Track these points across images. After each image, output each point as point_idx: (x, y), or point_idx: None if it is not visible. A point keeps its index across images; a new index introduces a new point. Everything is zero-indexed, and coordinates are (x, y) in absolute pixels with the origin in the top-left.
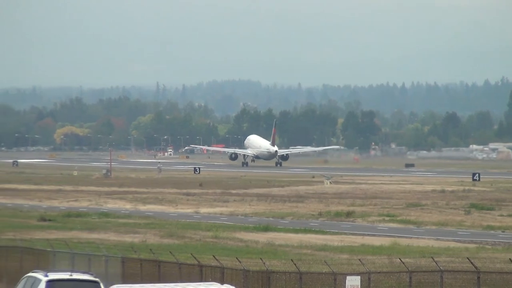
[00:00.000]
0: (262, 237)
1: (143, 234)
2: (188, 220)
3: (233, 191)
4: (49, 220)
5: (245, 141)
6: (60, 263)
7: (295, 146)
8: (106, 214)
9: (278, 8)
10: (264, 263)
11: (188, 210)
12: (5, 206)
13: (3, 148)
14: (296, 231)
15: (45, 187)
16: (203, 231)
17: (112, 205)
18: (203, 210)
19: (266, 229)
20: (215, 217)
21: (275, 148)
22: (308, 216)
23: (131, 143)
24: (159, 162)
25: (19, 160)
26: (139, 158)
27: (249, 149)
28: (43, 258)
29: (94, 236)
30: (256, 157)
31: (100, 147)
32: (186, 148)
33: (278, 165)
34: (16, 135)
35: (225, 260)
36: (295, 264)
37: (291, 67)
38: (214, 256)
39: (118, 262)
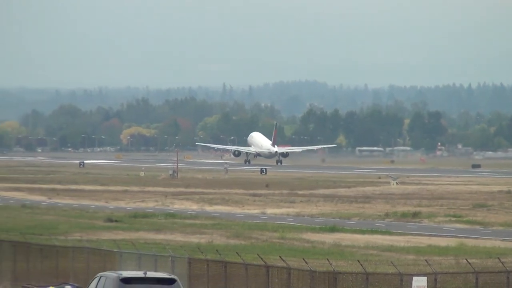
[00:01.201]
0: (329, 238)
1: (209, 234)
2: (254, 221)
3: (300, 192)
4: (116, 221)
5: (248, 138)
6: (127, 263)
7: (361, 147)
8: (172, 215)
9: (343, 9)
10: (330, 264)
11: (255, 210)
12: (71, 207)
13: (69, 149)
14: (362, 231)
15: (111, 188)
16: (270, 232)
17: (178, 205)
18: (270, 210)
19: (333, 229)
20: (281, 217)
21: (275, 148)
22: (374, 217)
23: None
24: (225, 162)
25: (85, 161)
26: (206, 159)
27: (252, 146)
28: (109, 259)
29: (160, 236)
30: (258, 154)
31: (167, 147)
32: None
33: (279, 163)
34: (83, 135)
35: (292, 260)
36: (361, 265)
37: (357, 68)
38: (280, 257)
39: (185, 263)
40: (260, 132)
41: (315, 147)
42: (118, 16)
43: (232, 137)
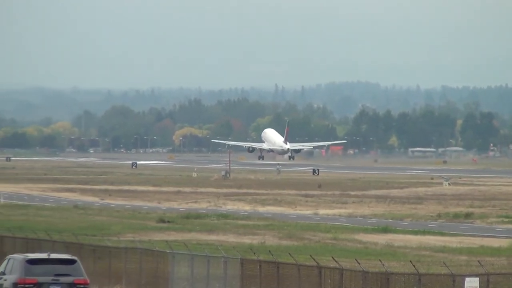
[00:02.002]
0: (381, 239)
1: (262, 235)
2: (307, 222)
3: (352, 193)
4: (168, 221)
5: (262, 134)
6: (180, 264)
7: (414, 147)
8: (225, 216)
9: (393, 13)
10: (383, 265)
11: (307, 211)
12: (124, 208)
13: (122, 150)
14: (415, 232)
15: (164, 188)
16: (322, 233)
17: (231, 206)
18: (322, 211)
19: (385, 230)
20: (334, 218)
21: (287, 146)
22: (427, 218)
23: None
24: (278, 163)
25: (138, 162)
26: (258, 160)
27: (265, 143)
28: (162, 260)
29: (213, 237)
30: (271, 151)
31: (219, 148)
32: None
33: (291, 159)
34: (135, 136)
35: (344, 261)
36: (414, 266)
37: (409, 69)
38: (333, 258)
39: (237, 264)
40: (313, 133)
41: (326, 143)
42: (169, 16)
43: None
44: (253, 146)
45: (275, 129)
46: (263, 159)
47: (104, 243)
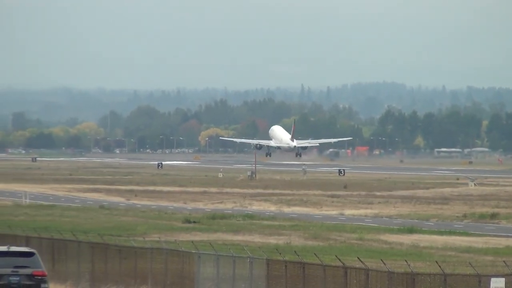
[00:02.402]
0: (407, 239)
1: (287, 236)
2: (332, 222)
3: (378, 193)
4: (194, 222)
5: (269, 131)
6: (205, 264)
7: (440, 148)
8: (250, 216)
9: (420, 13)
10: (408, 265)
11: (333, 212)
12: (150, 208)
13: (148, 150)
14: (440, 233)
15: (189, 189)
16: (348, 233)
17: (257, 207)
18: (348, 212)
19: (411, 231)
20: (359, 219)
21: (294, 143)
22: (452, 218)
23: None
24: (303, 164)
25: (163, 162)
26: (284, 160)
27: (273, 140)
28: (187, 260)
29: (238, 238)
30: (278, 147)
31: (245, 149)
32: (330, 150)
33: (298, 156)
34: (161, 137)
35: (370, 262)
36: (439, 266)
37: (435, 69)
38: (358, 258)
39: (263, 264)
40: (338, 134)
41: (331, 140)
42: (195, 18)
43: (310, 139)
44: (260, 143)
45: (299, 129)
46: (270, 156)
47: (129, 244)
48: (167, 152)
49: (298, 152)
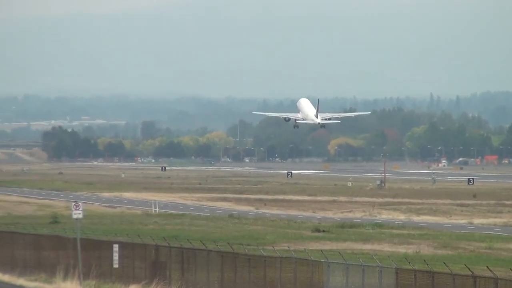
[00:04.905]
0: None
1: (416, 245)
2: (461, 231)
3: (507, 202)
4: (323, 231)
5: (297, 103)
6: (334, 273)
7: None
8: (380, 225)
9: None
10: None
11: (462, 221)
12: (279, 217)
13: (277, 159)
14: None
15: (319, 198)
16: (477, 242)
17: (386, 215)
18: (477, 221)
19: None
20: (489, 228)
21: (318, 120)
22: None
23: (405, 154)
24: (433, 173)
25: (293, 171)
26: (413, 169)
27: (300, 113)
28: (317, 269)
29: (367, 247)
30: (304, 120)
31: (374, 158)
32: (460, 159)
33: (322, 127)
34: (290, 146)
35: (499, 271)
36: None
37: None
38: (488, 267)
39: (392, 273)
40: (467, 142)
41: (352, 114)
42: (319, 28)
43: (439, 148)
44: (289, 116)
45: (429, 138)
46: (297, 127)
47: (259, 253)
48: (296, 161)
49: (322, 125)
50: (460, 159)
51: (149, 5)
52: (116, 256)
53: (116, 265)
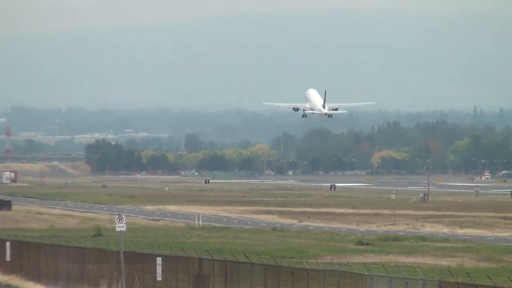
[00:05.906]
0: None
1: (460, 258)
2: (505, 244)
3: None
4: (367, 244)
5: (305, 93)
6: (378, 286)
7: None
8: (423, 238)
9: None
10: None
11: (505, 233)
12: (322, 230)
13: (320, 172)
14: None
15: (362, 211)
16: None
17: (429, 228)
18: None
19: None
20: None
21: (326, 110)
22: None
23: (448, 167)
24: (476, 186)
25: (336, 184)
26: (456, 182)
27: (308, 103)
28: (360, 282)
29: (411, 259)
30: (311, 110)
31: (417, 170)
32: (503, 172)
33: (329, 117)
34: (334, 159)
35: None
36: None
37: None
38: None
39: (435, 286)
40: (511, 155)
41: (358, 104)
42: (365, 37)
43: (483, 160)
44: (298, 106)
45: (472, 151)
46: (305, 117)
47: (302, 266)
48: (339, 174)
49: (330, 115)
50: (504, 172)
51: (193, 17)
52: (159, 269)
53: (159, 278)
